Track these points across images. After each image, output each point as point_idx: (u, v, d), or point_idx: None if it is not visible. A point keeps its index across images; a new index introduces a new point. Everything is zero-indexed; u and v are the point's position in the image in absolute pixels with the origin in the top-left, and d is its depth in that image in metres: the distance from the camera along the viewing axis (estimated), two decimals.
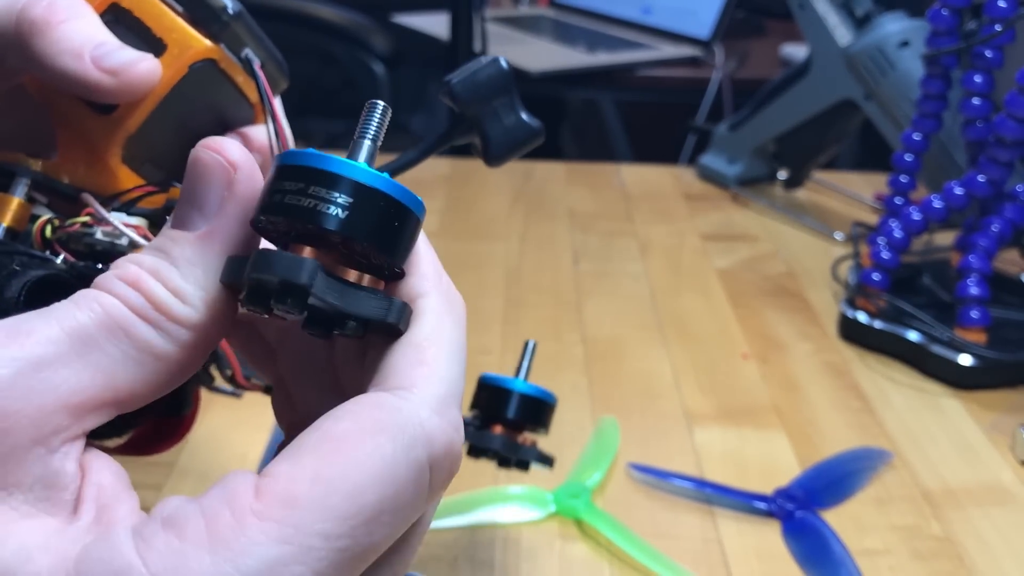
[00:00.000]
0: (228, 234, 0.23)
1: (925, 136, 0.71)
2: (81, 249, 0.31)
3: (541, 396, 0.42)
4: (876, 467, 0.55)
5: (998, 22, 0.62)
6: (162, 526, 0.20)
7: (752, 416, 0.60)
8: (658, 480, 0.54)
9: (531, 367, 0.44)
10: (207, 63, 0.33)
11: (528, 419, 0.42)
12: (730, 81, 1.54)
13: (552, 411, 0.43)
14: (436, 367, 0.23)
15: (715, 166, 0.99)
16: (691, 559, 0.48)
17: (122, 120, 0.32)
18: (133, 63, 0.30)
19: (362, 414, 0.21)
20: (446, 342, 0.23)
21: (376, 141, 0.23)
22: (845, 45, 0.83)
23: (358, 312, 0.22)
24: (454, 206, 0.92)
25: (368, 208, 0.22)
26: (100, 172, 0.33)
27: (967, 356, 0.63)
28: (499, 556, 0.48)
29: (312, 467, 0.20)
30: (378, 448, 0.21)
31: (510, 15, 1.89)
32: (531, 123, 0.32)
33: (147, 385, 0.22)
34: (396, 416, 0.21)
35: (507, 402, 0.42)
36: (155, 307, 0.22)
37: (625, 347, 0.68)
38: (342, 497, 0.20)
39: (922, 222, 0.68)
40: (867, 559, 0.48)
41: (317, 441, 0.21)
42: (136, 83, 0.30)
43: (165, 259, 0.23)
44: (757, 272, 0.81)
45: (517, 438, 0.42)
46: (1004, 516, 0.52)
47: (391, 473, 0.21)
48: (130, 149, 0.33)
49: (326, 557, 0.20)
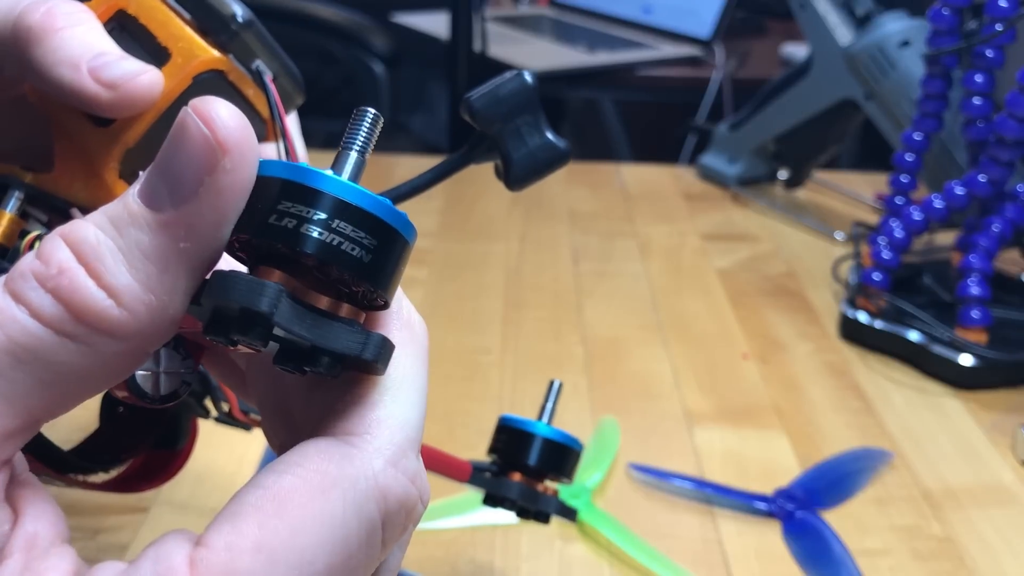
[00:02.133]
0: (199, 231, 0.19)
1: (926, 136, 0.71)
2: None
3: (566, 442, 0.39)
4: (877, 467, 0.55)
5: (999, 21, 0.62)
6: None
7: (752, 416, 0.60)
8: (658, 480, 0.53)
9: (555, 409, 0.40)
10: (214, 74, 0.32)
11: (550, 467, 0.39)
12: (730, 81, 1.54)
13: (578, 459, 0.40)
14: (392, 410, 0.20)
15: (715, 166, 0.99)
16: (691, 559, 0.48)
17: (120, 133, 0.31)
18: (133, 76, 0.28)
19: (308, 467, 0.19)
20: (405, 380, 0.21)
21: (364, 153, 0.21)
22: (846, 45, 0.83)
23: (329, 346, 0.19)
24: (454, 206, 0.92)
25: (353, 229, 0.19)
26: (96, 186, 0.31)
27: (968, 356, 0.63)
28: (499, 556, 0.48)
29: (253, 535, 0.18)
30: (327, 507, 0.18)
31: (510, 15, 1.89)
32: (557, 144, 0.30)
33: (67, 403, 0.19)
34: (346, 469, 0.19)
35: (528, 448, 0.38)
36: (77, 316, 0.18)
37: (625, 347, 0.68)
38: (287, 568, 0.18)
39: (923, 222, 0.68)
40: (867, 559, 0.48)
41: (258, 500, 0.18)
42: (135, 97, 0.29)
43: (112, 240, 0.19)
44: (757, 272, 0.81)
45: (537, 486, 0.39)
46: (1005, 516, 0.52)
47: (341, 535, 0.18)
48: (128, 163, 0.31)
49: None
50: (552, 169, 0.30)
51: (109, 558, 0.19)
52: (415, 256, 0.24)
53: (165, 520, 0.48)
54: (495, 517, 0.50)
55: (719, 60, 1.57)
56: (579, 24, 1.80)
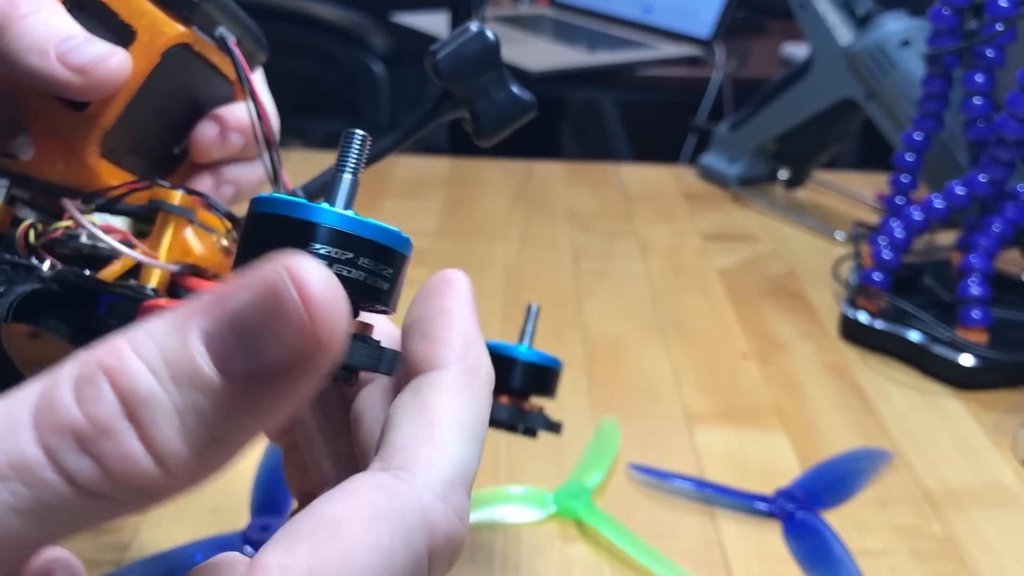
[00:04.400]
0: (272, 410, 0.17)
1: (926, 135, 0.71)
2: (67, 253, 0.30)
3: (547, 363, 0.41)
4: (877, 467, 0.55)
5: (999, 21, 0.62)
6: None
7: (753, 416, 0.60)
8: (658, 481, 0.53)
9: (535, 332, 0.43)
10: (180, 48, 0.32)
11: (534, 387, 0.41)
12: (731, 80, 1.53)
13: (558, 377, 0.43)
14: (445, 446, 0.21)
15: (716, 166, 0.99)
16: (691, 560, 0.48)
17: (96, 116, 0.31)
18: (102, 59, 0.28)
19: (360, 498, 0.19)
20: (460, 420, 0.22)
21: (356, 174, 0.22)
22: (846, 44, 0.83)
23: (348, 362, 0.21)
24: (454, 206, 0.92)
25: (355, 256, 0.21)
26: (79, 169, 0.31)
27: (968, 356, 0.63)
28: (499, 556, 0.48)
29: (306, 559, 0.18)
30: (376, 537, 0.19)
31: (510, 14, 1.89)
32: (522, 96, 0.30)
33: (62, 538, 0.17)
34: (396, 501, 0.20)
35: (512, 372, 0.41)
36: (115, 480, 0.16)
37: (625, 347, 0.68)
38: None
39: (923, 222, 0.68)
40: (868, 560, 0.48)
41: (312, 527, 0.19)
42: (106, 80, 0.29)
43: (169, 396, 0.16)
44: (758, 272, 0.80)
45: (524, 405, 0.41)
46: (1005, 517, 0.52)
47: (388, 564, 0.19)
48: (107, 143, 0.32)
49: None
50: (519, 121, 0.30)
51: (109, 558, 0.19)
52: (415, 256, 0.25)
53: (164, 521, 0.48)
54: (495, 519, 0.50)
55: (719, 60, 1.57)
56: (579, 24, 1.80)
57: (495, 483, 0.53)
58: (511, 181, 0.99)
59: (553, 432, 0.43)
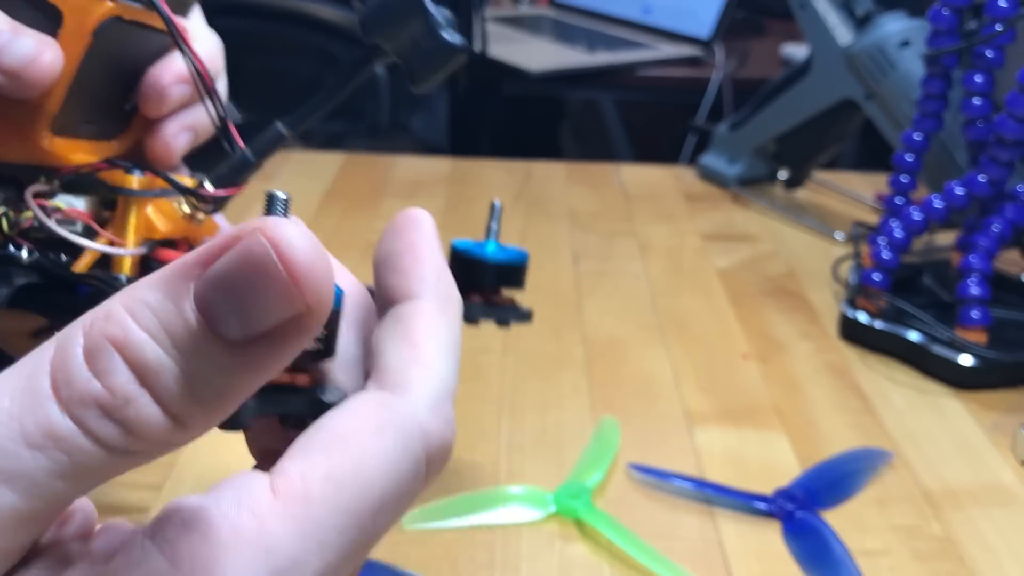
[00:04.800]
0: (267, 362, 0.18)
1: (926, 136, 0.71)
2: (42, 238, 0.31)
3: (513, 260, 0.43)
4: (876, 467, 0.55)
5: (999, 22, 0.62)
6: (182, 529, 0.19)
7: (752, 416, 0.60)
8: (658, 480, 0.53)
9: (499, 228, 0.44)
10: (110, 21, 0.32)
11: (504, 282, 0.43)
12: (730, 81, 1.54)
13: (525, 270, 0.44)
14: (431, 366, 0.23)
15: (715, 166, 0.99)
16: (691, 559, 0.48)
17: (41, 106, 0.31)
18: (33, 58, 0.29)
19: (365, 413, 0.22)
20: (440, 342, 0.24)
21: None
22: (845, 45, 0.83)
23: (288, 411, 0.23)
24: (454, 206, 0.92)
25: None
26: (34, 150, 0.32)
27: (968, 356, 0.63)
28: (499, 556, 0.48)
29: (323, 465, 0.20)
30: (382, 445, 0.21)
31: (510, 15, 1.89)
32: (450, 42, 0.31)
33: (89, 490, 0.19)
34: (396, 416, 0.22)
35: (481, 272, 0.42)
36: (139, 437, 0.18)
37: (625, 347, 0.68)
38: (352, 493, 0.21)
39: (923, 222, 0.68)
40: (867, 559, 0.48)
41: (324, 440, 0.21)
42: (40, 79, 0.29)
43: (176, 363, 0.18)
44: (757, 272, 0.81)
45: (495, 299, 0.43)
46: (1005, 516, 0.52)
47: (393, 469, 0.21)
48: (58, 122, 0.32)
49: (339, 550, 0.20)
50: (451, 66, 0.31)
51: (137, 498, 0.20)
52: None
53: None
54: (495, 517, 0.50)
55: (719, 60, 1.57)
56: (579, 24, 1.80)
57: (495, 483, 0.53)
58: (511, 181, 0.99)
59: (525, 321, 0.44)
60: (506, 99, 1.66)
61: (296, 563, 0.20)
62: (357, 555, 0.21)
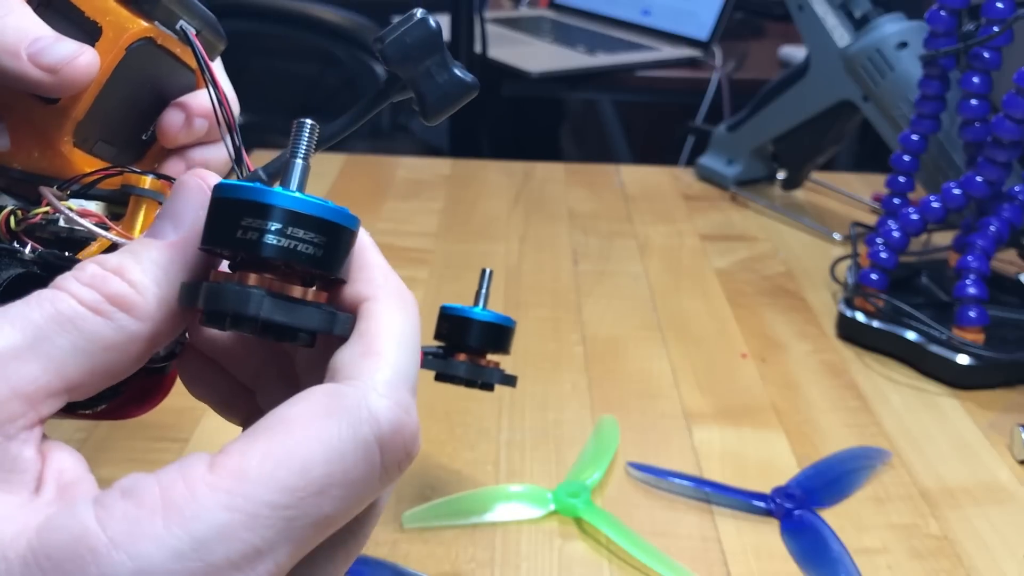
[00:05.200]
0: (194, 247, 0.25)
1: (923, 137, 0.71)
2: (47, 237, 0.32)
3: (500, 322, 0.44)
4: (874, 466, 0.56)
5: (996, 23, 0.63)
6: (120, 496, 0.21)
7: (751, 415, 0.60)
8: (657, 479, 0.54)
9: (488, 294, 0.45)
10: (144, 42, 0.34)
11: (490, 344, 0.44)
12: (729, 82, 1.54)
13: (511, 335, 0.45)
14: (384, 356, 0.24)
15: (714, 167, 0.99)
16: (690, 557, 0.48)
17: (68, 109, 0.33)
18: (72, 58, 0.31)
19: (313, 400, 0.23)
20: (394, 335, 0.25)
21: (307, 159, 0.26)
22: (843, 46, 0.83)
23: (306, 326, 0.24)
24: (454, 206, 0.92)
25: (305, 233, 0.24)
26: (53, 158, 0.33)
27: (965, 356, 0.64)
28: (499, 555, 0.48)
29: (263, 446, 0.22)
30: (326, 428, 0.22)
31: (510, 16, 1.90)
32: (464, 78, 0.33)
33: (96, 375, 0.24)
34: (343, 400, 0.23)
35: (468, 330, 0.44)
36: (109, 299, 0.24)
37: (625, 347, 0.68)
38: (289, 472, 0.21)
39: (920, 222, 0.68)
40: (865, 558, 0.48)
41: (270, 423, 0.22)
42: (77, 78, 0.31)
43: (131, 257, 0.24)
44: (756, 272, 0.81)
45: (480, 362, 0.44)
46: (1002, 515, 0.52)
47: (338, 450, 0.22)
48: (80, 133, 0.34)
49: (274, 525, 0.21)
50: (462, 101, 0.33)
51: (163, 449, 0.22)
52: (416, 256, 0.27)
53: None
54: (495, 515, 0.50)
55: (718, 62, 1.58)
56: (579, 26, 1.80)
57: (495, 482, 0.53)
58: (511, 182, 0.99)
59: (509, 385, 0.45)
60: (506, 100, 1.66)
61: (221, 532, 0.20)
62: (304, 534, 0.22)
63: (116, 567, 0.20)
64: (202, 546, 0.20)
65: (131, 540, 0.20)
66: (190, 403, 0.32)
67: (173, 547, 0.20)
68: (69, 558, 0.20)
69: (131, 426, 0.54)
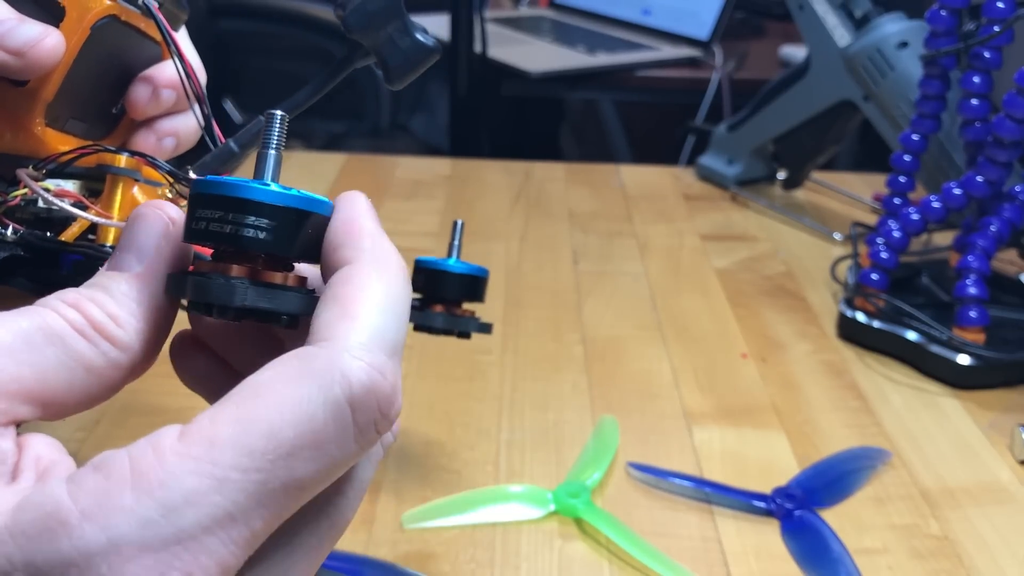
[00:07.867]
0: (159, 275, 0.26)
1: (924, 137, 0.71)
2: (27, 218, 0.32)
3: (475, 272, 0.45)
4: (875, 466, 0.56)
5: (996, 23, 0.63)
6: (92, 470, 0.21)
7: (751, 415, 0.60)
8: (657, 479, 0.54)
9: (461, 245, 0.46)
10: (108, 19, 0.34)
11: (465, 294, 0.45)
12: (729, 82, 1.54)
13: (485, 284, 0.46)
14: (359, 318, 0.24)
15: (714, 166, 0.99)
16: (690, 558, 0.48)
17: (38, 91, 0.33)
18: (37, 40, 0.31)
19: (284, 364, 0.23)
20: (373, 297, 0.24)
21: (279, 150, 0.26)
22: (844, 46, 0.83)
23: (287, 310, 0.25)
24: (454, 206, 0.92)
25: (282, 224, 0.25)
26: (27, 139, 0.34)
27: (965, 356, 0.64)
28: (499, 555, 0.48)
29: (232, 411, 0.22)
30: (296, 391, 0.22)
31: (510, 16, 1.90)
32: (426, 43, 0.33)
33: (75, 394, 0.24)
34: (314, 362, 0.23)
35: (444, 282, 0.45)
36: (92, 325, 0.24)
37: (625, 347, 0.68)
38: (258, 435, 0.21)
39: (920, 222, 0.68)
40: (866, 558, 0.48)
41: (240, 389, 0.22)
42: (43, 60, 0.31)
43: (102, 291, 0.25)
44: (756, 272, 0.81)
45: (456, 312, 0.45)
46: (1002, 515, 0.52)
47: (308, 412, 0.22)
48: (50, 113, 0.34)
49: (244, 489, 0.21)
50: (425, 65, 0.33)
51: None
52: (416, 256, 0.27)
53: None
54: (495, 516, 0.50)
55: (718, 61, 1.58)
56: (579, 25, 1.80)
57: (495, 482, 0.53)
58: (511, 181, 0.99)
59: (485, 332, 0.46)
60: (506, 100, 1.67)
61: (190, 498, 0.21)
62: (276, 498, 0.22)
63: (88, 539, 0.20)
64: (172, 512, 0.20)
65: (101, 511, 0.20)
66: (190, 403, 0.32)
67: (142, 515, 0.20)
68: (41, 533, 0.20)
69: (131, 426, 0.54)
